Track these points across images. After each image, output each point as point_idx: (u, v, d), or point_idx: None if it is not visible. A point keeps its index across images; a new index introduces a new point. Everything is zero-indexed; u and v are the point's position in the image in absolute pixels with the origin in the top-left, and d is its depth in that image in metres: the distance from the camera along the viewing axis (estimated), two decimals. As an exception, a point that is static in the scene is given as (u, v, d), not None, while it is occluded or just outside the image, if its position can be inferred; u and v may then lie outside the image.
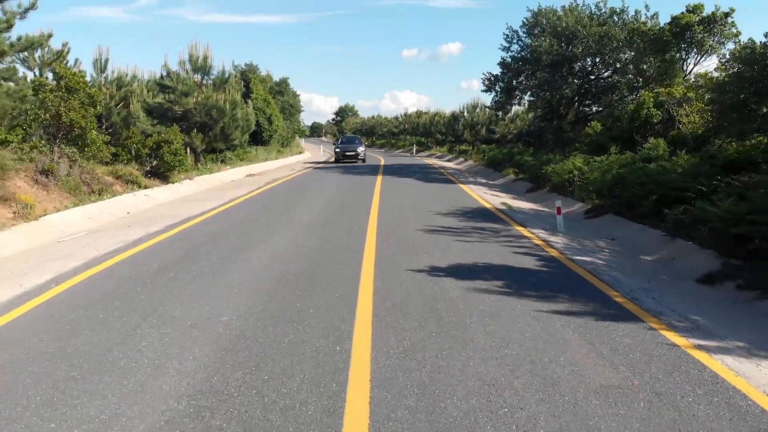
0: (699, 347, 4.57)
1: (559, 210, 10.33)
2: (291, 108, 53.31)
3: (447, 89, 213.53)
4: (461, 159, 35.64)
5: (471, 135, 41.53)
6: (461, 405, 3.53)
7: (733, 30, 16.88)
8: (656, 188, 10.25)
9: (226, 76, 19.41)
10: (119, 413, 3.43)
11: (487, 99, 28.94)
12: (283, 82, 50.68)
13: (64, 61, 18.99)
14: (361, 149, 33.58)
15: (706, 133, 13.25)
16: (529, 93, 24.74)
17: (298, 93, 56.88)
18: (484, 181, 21.37)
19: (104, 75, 21.03)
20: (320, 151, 49.49)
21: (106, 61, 20.77)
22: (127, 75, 21.44)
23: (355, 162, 32.13)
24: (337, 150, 33.95)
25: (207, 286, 6.16)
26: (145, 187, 14.05)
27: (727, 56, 13.07)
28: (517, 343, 4.53)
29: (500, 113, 32.30)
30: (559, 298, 5.78)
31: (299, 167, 28.35)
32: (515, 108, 32.13)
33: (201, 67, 18.68)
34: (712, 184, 9.42)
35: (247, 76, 34.35)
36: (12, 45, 14.16)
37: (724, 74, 11.34)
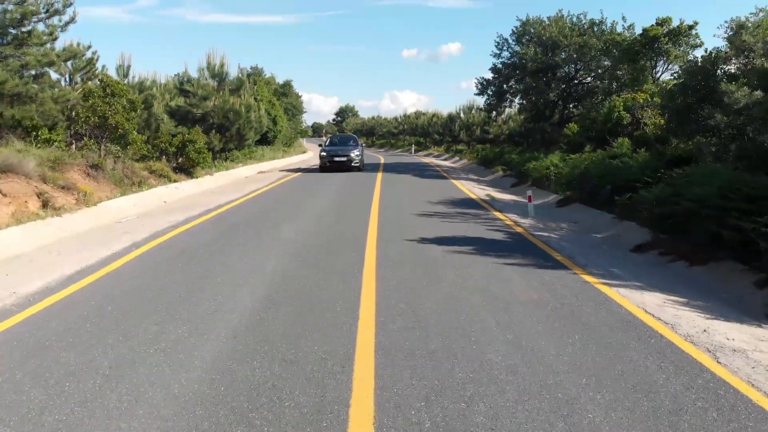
0: (604, 284, 6.55)
1: (530, 198, 12.33)
2: (294, 109, 55.32)
3: (447, 89, 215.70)
4: (457, 158, 37.61)
5: (467, 135, 43.50)
6: (434, 308, 5.50)
7: (697, 41, 18.89)
8: (613, 180, 12.24)
9: (242, 81, 21.40)
10: (219, 308, 5.41)
11: (482, 101, 30.87)
12: (287, 84, 52.71)
13: (93, 68, 20.98)
14: (356, 153, 23.86)
15: (665, 133, 15.22)
16: (518, 96, 26.75)
17: (300, 94, 58.99)
18: (475, 177, 23.38)
19: (127, 80, 23.04)
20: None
21: (129, 67, 22.73)
22: (147, 80, 23.46)
23: (349, 170, 23.60)
24: (323, 154, 24.14)
25: (252, 249, 8.15)
26: (175, 181, 16.03)
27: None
28: (475, 280, 6.52)
29: (494, 114, 34.20)
30: (513, 257, 7.77)
31: (305, 166, 30.31)
32: (508, 110, 34.16)
33: (218, 73, 20.71)
34: (656, 176, 11.39)
35: (253, 79, 36.27)
36: (58, 55, 16.19)
37: (672, 83, 13.27)
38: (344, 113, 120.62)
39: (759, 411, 3.57)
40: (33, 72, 15.31)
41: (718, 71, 11.81)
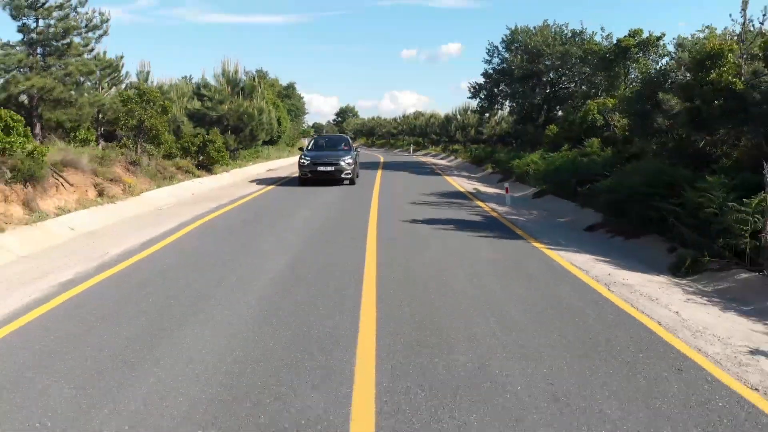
0: (549, 249, 8.62)
1: (506, 190, 14.42)
2: (297, 110, 57.49)
3: (447, 89, 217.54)
4: (452, 157, 39.70)
5: (462, 135, 45.60)
6: (422, 268, 7.55)
7: (664, 51, 20.97)
8: (578, 174, 14.30)
9: (253, 86, 23.50)
10: (262, 263, 7.46)
11: (475, 104, 32.96)
12: (290, 87, 54.80)
13: (119, 74, 23.04)
14: (347, 161, 17.99)
15: (630, 134, 17.30)
16: (508, 100, 28.87)
17: (302, 96, 61.17)
18: (466, 174, 25.48)
19: (146, 84, 25.13)
20: (324, 150, 53.45)
21: (148, 72, 24.86)
22: (164, 84, 25.56)
23: (338, 183, 17.99)
24: (303, 162, 18.25)
25: (279, 226, 10.21)
26: (198, 176, 18.10)
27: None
28: (453, 248, 8.59)
29: (486, 116, 36.26)
30: (484, 232, 9.86)
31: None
32: (501, 112, 36.29)
33: (233, 79, 22.79)
34: (612, 171, 13.45)
35: (259, 82, 38.18)
36: (96, 65, 18.28)
37: (629, 91, 15.32)
38: (345, 114, 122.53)
39: (630, 317, 5.62)
40: (74, 80, 17.39)
41: (667, 82, 13.89)
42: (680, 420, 3.47)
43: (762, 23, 10.47)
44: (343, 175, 17.63)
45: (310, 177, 17.76)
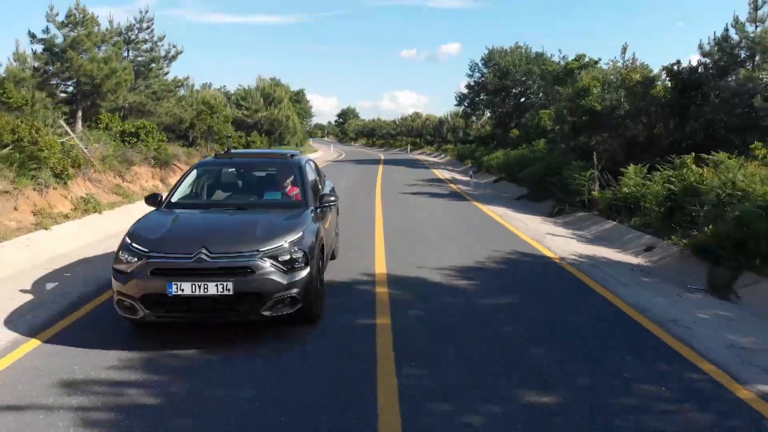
0: (485, 206, 14.73)
1: (470, 176, 20.54)
2: (304, 113, 63.77)
3: (446, 89, 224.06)
4: (443, 155, 45.88)
5: (453, 136, 51.79)
6: (406, 210, 13.65)
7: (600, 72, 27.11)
8: (522, 165, 20.41)
9: (282, 98, 29.67)
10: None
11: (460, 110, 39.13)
12: (300, 92, 61.01)
13: (178, 88, 29.11)
14: (288, 247, 4.81)
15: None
16: (487, 108, 35.05)
17: (309, 100, 67.36)
18: (450, 168, 31.65)
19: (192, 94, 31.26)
20: (331, 150, 59.64)
21: (192, 84, 31.01)
22: (206, 95, 31.69)
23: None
24: (127, 258, 4.67)
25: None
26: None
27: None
28: (425, 204, 14.71)
29: (473, 120, 42.39)
30: (447, 199, 16.00)
31: (321, 162, 38.49)
32: (487, 115, 42.50)
33: (267, 93, 28.94)
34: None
35: (285, 92, 44.17)
36: (174, 85, 24.42)
37: (562, 106, 21.44)
38: (346, 115, 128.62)
39: (500, 226, 11.73)
40: (157, 96, 23.48)
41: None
42: (501, 246, 9.56)
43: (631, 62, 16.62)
44: (265, 311, 4.73)
45: (142, 319, 4.74)
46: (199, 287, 4.45)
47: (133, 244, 4.73)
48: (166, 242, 4.74)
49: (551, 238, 10.23)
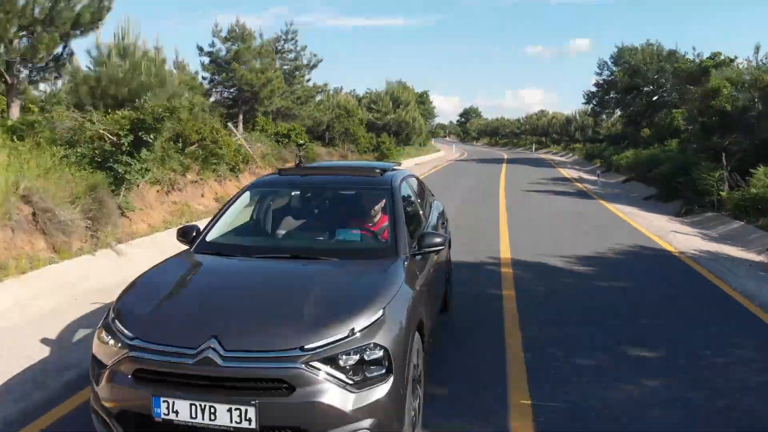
0: (609, 203, 15.04)
1: (598, 175, 20.60)
2: (428, 114, 65.37)
3: (575, 86, 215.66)
4: (570, 154, 45.10)
5: (581, 135, 50.56)
6: (530, 206, 14.40)
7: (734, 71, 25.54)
8: (652, 165, 20.11)
9: (409, 101, 31.34)
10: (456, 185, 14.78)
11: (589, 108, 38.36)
12: (424, 93, 62.61)
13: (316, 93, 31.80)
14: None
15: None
16: (618, 106, 34.16)
17: (432, 101, 68.88)
18: (577, 167, 31.37)
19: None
20: (453, 149, 60.61)
21: (329, 90, 33.58)
22: (340, 100, 34.17)
23: None
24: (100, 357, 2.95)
25: (455, 184, 17.51)
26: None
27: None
28: (548, 202, 15.31)
29: (603, 117, 41.36)
30: (572, 195, 16.44)
31: (444, 161, 39.70)
32: (617, 113, 41.22)
33: (396, 97, 30.74)
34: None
35: (412, 95, 45.92)
36: (314, 91, 26.94)
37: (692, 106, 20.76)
38: (468, 114, 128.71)
39: (625, 222, 12.18)
40: (301, 101, 26.08)
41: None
42: (622, 240, 10.12)
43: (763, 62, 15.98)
44: None
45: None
46: (203, 411, 2.59)
47: (116, 321, 2.94)
48: (158, 324, 2.91)
49: (674, 235, 10.56)
